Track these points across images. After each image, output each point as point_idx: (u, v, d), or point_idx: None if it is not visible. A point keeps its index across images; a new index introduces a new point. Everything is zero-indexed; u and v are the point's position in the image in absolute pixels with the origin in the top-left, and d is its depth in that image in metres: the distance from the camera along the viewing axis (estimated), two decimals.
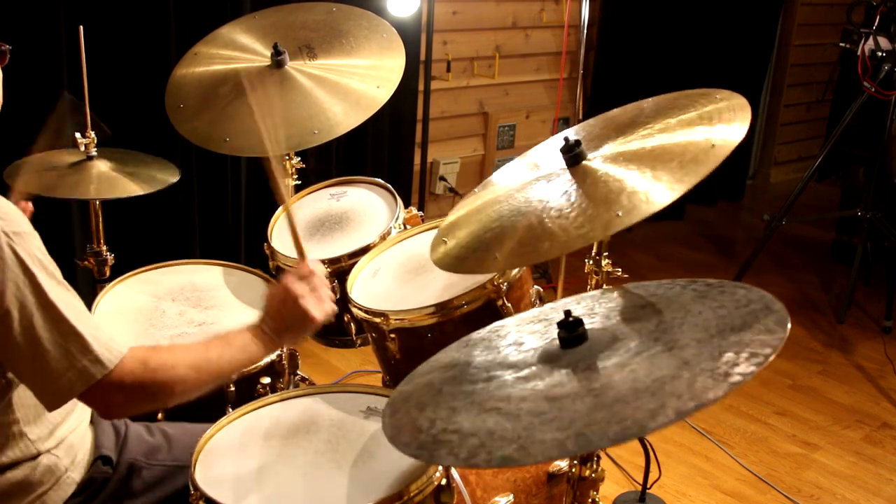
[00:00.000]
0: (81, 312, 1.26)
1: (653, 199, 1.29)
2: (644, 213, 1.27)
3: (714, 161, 1.31)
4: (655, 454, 2.50)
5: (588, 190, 1.39)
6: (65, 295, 1.25)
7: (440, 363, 1.35)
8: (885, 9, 3.63)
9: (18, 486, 1.35)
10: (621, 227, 1.28)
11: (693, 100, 1.51)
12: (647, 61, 4.68)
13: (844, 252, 4.46)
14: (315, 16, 2.28)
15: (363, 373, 3.17)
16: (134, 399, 1.30)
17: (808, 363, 3.48)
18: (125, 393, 1.28)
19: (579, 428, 1.00)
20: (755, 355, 1.02)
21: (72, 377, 1.23)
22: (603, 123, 1.62)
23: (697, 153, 1.33)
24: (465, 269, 1.49)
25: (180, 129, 2.11)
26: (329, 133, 2.03)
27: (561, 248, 1.33)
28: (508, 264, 1.42)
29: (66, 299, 1.25)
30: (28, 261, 1.21)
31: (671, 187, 1.29)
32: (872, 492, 2.69)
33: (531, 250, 1.36)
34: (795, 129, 5.93)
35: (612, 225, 1.28)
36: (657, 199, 1.28)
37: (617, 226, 1.28)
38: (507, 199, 1.53)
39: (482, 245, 1.44)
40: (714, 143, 1.34)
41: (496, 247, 1.41)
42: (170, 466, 1.53)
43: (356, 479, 1.36)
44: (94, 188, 2.08)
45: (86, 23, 2.18)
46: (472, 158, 4.34)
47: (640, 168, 1.36)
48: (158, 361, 1.31)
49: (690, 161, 1.32)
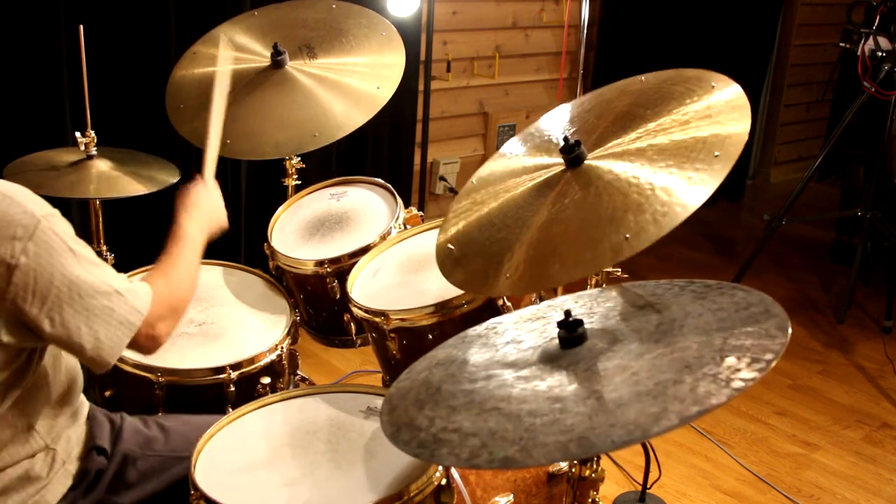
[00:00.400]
0: (111, 273, 1.37)
1: (660, 220, 1.28)
2: (653, 237, 1.26)
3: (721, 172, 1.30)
4: (655, 454, 2.50)
5: (593, 202, 1.38)
6: (96, 264, 1.35)
7: (437, 359, 1.34)
8: (885, 9, 3.63)
9: (19, 481, 1.36)
10: (630, 254, 1.27)
11: (689, 87, 1.50)
12: (647, 61, 4.67)
13: (844, 252, 4.46)
14: (315, 14, 2.27)
15: (363, 373, 3.17)
16: (169, 322, 1.45)
17: (808, 363, 3.48)
18: (163, 322, 1.42)
19: (582, 431, 1.00)
20: (757, 360, 1.02)
21: (119, 333, 1.34)
22: (600, 110, 1.61)
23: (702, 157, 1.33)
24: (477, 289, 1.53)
25: (180, 130, 2.11)
26: (330, 136, 2.03)
27: (570, 273, 1.33)
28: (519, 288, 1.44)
29: (100, 267, 1.35)
30: (66, 238, 1.30)
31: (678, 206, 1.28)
32: (872, 492, 2.69)
33: (541, 273, 1.37)
34: (795, 129, 5.93)
35: (621, 250, 1.28)
36: (664, 221, 1.27)
37: (625, 251, 1.27)
38: (511, 205, 1.52)
39: (492, 262, 1.45)
40: (717, 153, 1.33)
41: (506, 265, 1.41)
42: (166, 456, 1.54)
43: (356, 479, 1.36)
44: (94, 187, 2.08)
45: (86, 23, 2.18)
46: (472, 158, 4.33)
47: (645, 178, 1.35)
48: (170, 284, 1.47)
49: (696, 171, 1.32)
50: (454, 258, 1.54)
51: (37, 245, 1.26)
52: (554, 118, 1.73)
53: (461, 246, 1.54)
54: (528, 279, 1.38)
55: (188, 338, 1.88)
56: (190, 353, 1.83)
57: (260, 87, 2.12)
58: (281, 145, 2.05)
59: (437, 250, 1.60)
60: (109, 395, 1.79)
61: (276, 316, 2.00)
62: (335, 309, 2.02)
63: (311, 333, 2.16)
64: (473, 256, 1.50)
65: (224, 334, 1.92)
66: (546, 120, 1.74)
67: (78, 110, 2.08)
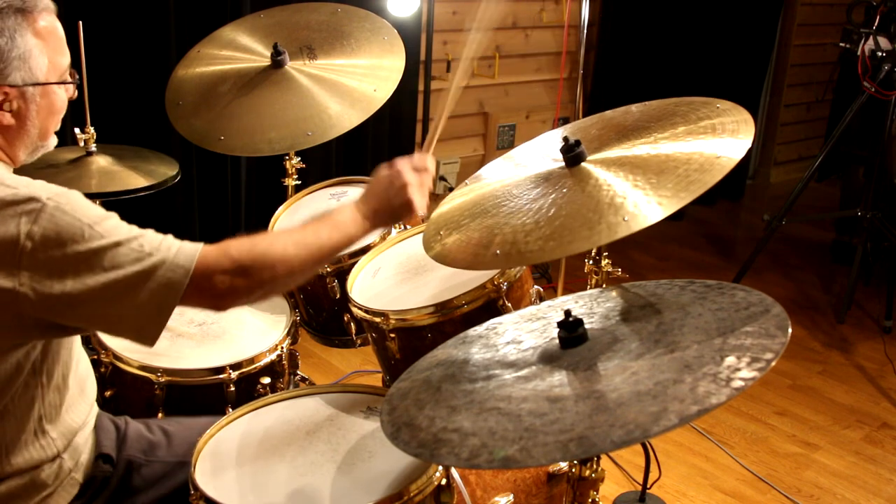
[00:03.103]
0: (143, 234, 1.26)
1: (659, 206, 1.28)
2: (651, 219, 1.26)
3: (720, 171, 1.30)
4: (655, 454, 2.50)
5: (592, 191, 1.38)
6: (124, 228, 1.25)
7: (437, 359, 1.34)
8: (885, 9, 3.63)
9: (24, 489, 1.35)
10: (627, 233, 1.26)
11: (694, 108, 1.50)
12: (647, 61, 4.68)
13: (844, 252, 4.46)
14: (319, 16, 2.29)
15: (363, 373, 3.17)
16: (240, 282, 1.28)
17: (808, 363, 3.48)
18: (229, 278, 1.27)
19: (582, 431, 1.00)
20: (757, 360, 1.02)
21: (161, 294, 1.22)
22: (601, 125, 1.62)
23: (703, 161, 1.33)
24: (464, 264, 1.47)
25: (177, 126, 2.11)
26: (323, 135, 2.03)
27: (565, 248, 1.31)
28: (510, 262, 1.41)
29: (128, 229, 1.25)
30: (78, 214, 1.22)
31: (679, 195, 1.28)
32: (872, 492, 2.69)
33: (534, 249, 1.34)
34: (795, 129, 5.93)
35: (618, 229, 1.27)
36: (663, 206, 1.27)
37: (622, 231, 1.27)
38: (504, 195, 1.52)
39: (481, 241, 1.43)
40: (720, 155, 1.33)
41: (496, 243, 1.40)
42: (170, 463, 1.53)
43: (356, 479, 1.36)
44: (95, 182, 2.08)
45: (85, 19, 2.18)
46: (472, 158, 4.33)
47: (646, 174, 1.35)
48: (257, 241, 1.31)
49: (696, 170, 1.32)
50: (441, 239, 1.52)
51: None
52: (548, 137, 1.73)
53: (450, 229, 1.53)
54: (518, 254, 1.36)
55: (188, 338, 1.88)
56: (190, 353, 1.83)
57: (259, 86, 2.12)
58: (275, 142, 2.05)
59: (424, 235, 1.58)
60: (109, 395, 1.79)
61: (276, 316, 2.00)
62: (335, 309, 2.02)
63: (311, 333, 2.16)
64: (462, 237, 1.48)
65: (224, 334, 1.92)
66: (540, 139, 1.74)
67: (77, 107, 2.08)
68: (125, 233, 1.25)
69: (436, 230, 1.56)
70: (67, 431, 1.40)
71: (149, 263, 1.23)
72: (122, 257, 1.22)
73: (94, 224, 1.23)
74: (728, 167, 1.31)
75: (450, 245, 1.48)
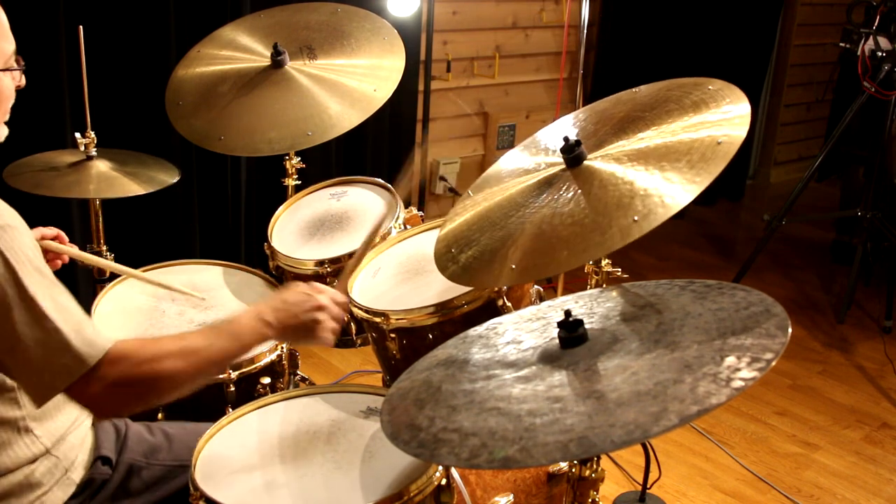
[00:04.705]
0: (65, 308, 1.23)
1: (668, 202, 1.27)
2: (662, 217, 1.26)
3: (723, 158, 1.30)
4: (655, 454, 2.50)
5: (598, 193, 1.38)
6: (49, 290, 1.22)
7: (437, 359, 1.34)
8: (885, 9, 3.63)
9: (19, 487, 1.35)
10: (640, 234, 1.25)
11: (686, 90, 1.50)
12: (647, 61, 4.68)
13: (844, 252, 4.46)
14: (319, 16, 2.29)
15: (363, 373, 3.17)
16: (121, 395, 1.26)
17: (808, 363, 3.48)
18: (111, 389, 1.24)
19: (582, 431, 1.00)
20: (757, 360, 1.02)
21: (53, 374, 1.21)
22: (596, 118, 1.61)
23: (704, 150, 1.33)
24: (480, 282, 1.48)
25: (177, 126, 2.12)
26: (323, 135, 2.03)
27: (579, 257, 1.31)
28: (526, 276, 1.39)
29: (50, 294, 1.22)
30: (9, 255, 1.19)
31: (685, 188, 1.28)
32: (872, 492, 2.69)
33: (549, 260, 1.34)
34: (795, 129, 5.93)
35: (630, 232, 1.27)
36: (673, 201, 1.27)
37: (635, 232, 1.26)
38: (511, 205, 1.52)
39: (495, 256, 1.43)
40: (720, 140, 1.33)
41: (510, 257, 1.39)
42: (170, 466, 1.52)
43: (356, 479, 1.36)
44: (94, 188, 2.08)
45: (86, 23, 2.18)
46: (472, 158, 4.33)
47: (648, 168, 1.35)
48: (144, 355, 1.26)
49: (699, 160, 1.32)
50: (453, 258, 1.53)
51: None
52: (546, 133, 1.73)
53: (461, 246, 1.54)
54: (535, 267, 1.36)
55: None
56: None
57: (259, 86, 2.12)
58: (274, 142, 2.05)
59: (436, 254, 1.59)
60: None
61: None
62: None
63: None
64: (475, 254, 1.49)
65: None
66: (539, 134, 1.74)
67: (78, 111, 2.09)
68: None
69: (447, 248, 1.56)
70: (55, 430, 1.40)
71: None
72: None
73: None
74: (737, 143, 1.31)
75: (463, 263, 1.49)
